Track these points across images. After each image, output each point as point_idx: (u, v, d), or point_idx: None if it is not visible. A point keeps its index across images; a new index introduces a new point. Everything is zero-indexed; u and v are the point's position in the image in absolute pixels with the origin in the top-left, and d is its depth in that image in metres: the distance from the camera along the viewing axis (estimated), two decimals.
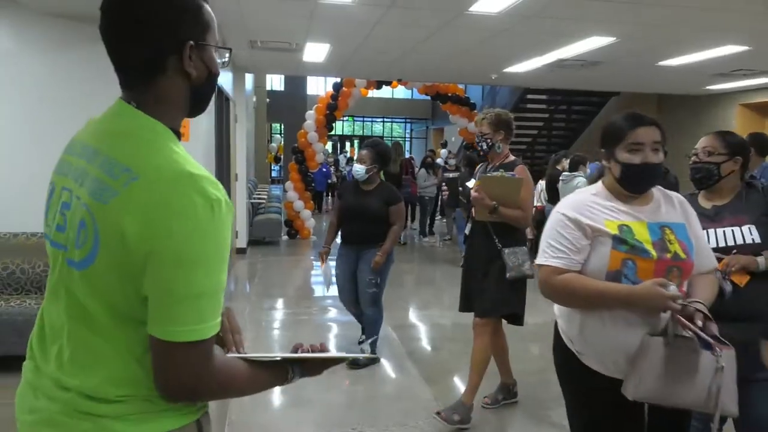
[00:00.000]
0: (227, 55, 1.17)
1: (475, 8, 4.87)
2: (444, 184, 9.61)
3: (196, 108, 1.16)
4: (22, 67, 4.40)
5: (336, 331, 5.22)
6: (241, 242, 8.32)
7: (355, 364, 4.14)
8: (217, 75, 1.15)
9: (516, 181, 3.25)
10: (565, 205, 1.92)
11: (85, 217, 1.00)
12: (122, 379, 1.02)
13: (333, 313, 5.67)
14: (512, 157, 3.44)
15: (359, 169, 4.18)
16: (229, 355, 1.12)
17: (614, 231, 1.79)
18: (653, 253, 1.76)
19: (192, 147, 4.63)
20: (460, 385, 3.84)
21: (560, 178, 6.79)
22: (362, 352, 4.15)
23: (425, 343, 5.02)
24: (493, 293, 3.29)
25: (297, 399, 3.66)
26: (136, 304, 1.00)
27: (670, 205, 1.91)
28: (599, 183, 1.95)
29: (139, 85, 1.07)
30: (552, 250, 1.85)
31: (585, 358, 1.88)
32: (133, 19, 1.03)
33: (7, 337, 3.66)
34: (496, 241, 3.28)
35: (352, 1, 4.78)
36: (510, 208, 3.23)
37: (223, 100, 6.52)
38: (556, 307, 2.01)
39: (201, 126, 4.72)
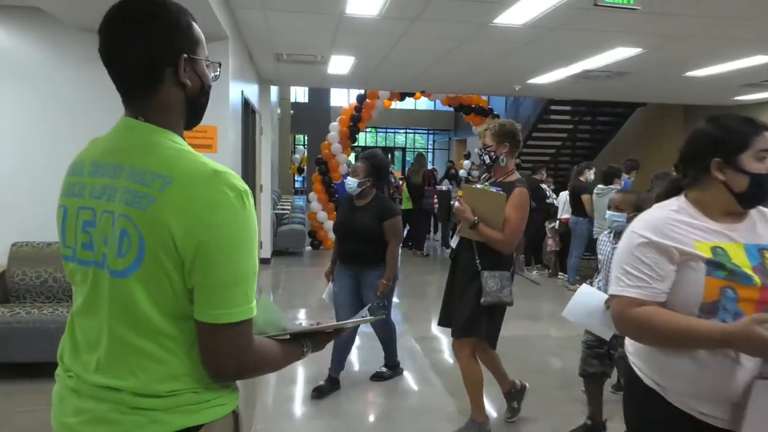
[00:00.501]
0: (218, 68, 1.26)
1: (499, 20, 4.89)
2: (435, 196, 9.57)
3: (192, 119, 1.23)
4: (58, 80, 4.53)
5: (358, 343, 5.22)
6: (266, 252, 8.39)
7: (379, 377, 4.13)
8: (209, 87, 1.23)
9: (499, 197, 3.01)
10: (642, 225, 1.62)
11: (126, 227, 1.06)
12: (171, 376, 1.09)
13: None
14: (516, 176, 3.18)
15: (351, 182, 3.85)
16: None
17: (708, 254, 1.51)
18: (756, 279, 1.48)
19: (220, 158, 4.71)
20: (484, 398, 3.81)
21: (594, 191, 6.50)
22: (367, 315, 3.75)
23: (448, 355, 4.98)
24: (466, 314, 3.12)
25: (321, 410, 3.68)
26: (182, 298, 1.08)
27: (767, 224, 1.62)
28: (681, 198, 1.65)
29: (141, 96, 1.14)
30: (629, 278, 1.58)
31: (674, 396, 1.59)
32: (131, 36, 1.11)
33: (40, 344, 3.75)
34: (477, 262, 3.09)
35: (376, 15, 4.84)
36: (491, 227, 3.02)
37: (249, 112, 6.62)
38: (629, 342, 1.74)
39: (228, 138, 4.79)
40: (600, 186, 6.47)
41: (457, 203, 3.15)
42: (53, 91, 4.54)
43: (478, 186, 3.18)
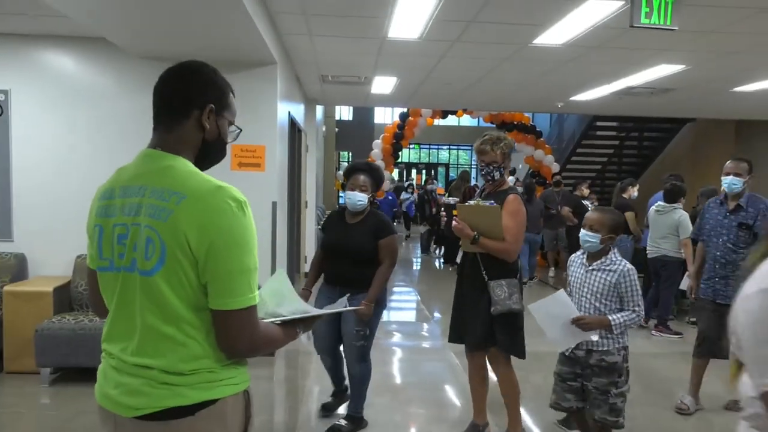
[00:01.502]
0: (238, 134, 1.54)
1: (539, 41, 4.97)
2: (443, 210, 9.49)
3: (201, 160, 1.47)
4: (120, 105, 4.87)
5: (400, 355, 5.33)
6: (308, 266, 8.59)
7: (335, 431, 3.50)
8: (225, 143, 1.51)
9: (494, 209, 3.05)
10: None
11: (150, 235, 1.32)
12: (192, 357, 1.34)
13: (397, 337, 5.79)
14: (508, 185, 3.28)
15: (361, 198, 3.40)
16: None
17: None
18: None
19: (267, 176, 4.94)
20: (522, 413, 3.85)
21: (654, 208, 5.96)
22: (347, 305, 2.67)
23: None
24: (481, 326, 3.15)
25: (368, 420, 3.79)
26: (198, 292, 1.33)
27: None
28: None
29: (167, 124, 1.43)
30: None
31: None
32: (179, 79, 1.44)
33: (83, 351, 4.03)
34: (484, 273, 3.11)
35: (418, 37, 5.00)
36: (493, 239, 3.06)
37: (296, 131, 6.88)
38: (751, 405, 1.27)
39: (275, 157, 5.02)
40: (661, 203, 5.92)
41: (454, 222, 3.14)
42: (115, 114, 4.88)
43: (471, 202, 3.19)
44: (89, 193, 5.64)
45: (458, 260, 3.37)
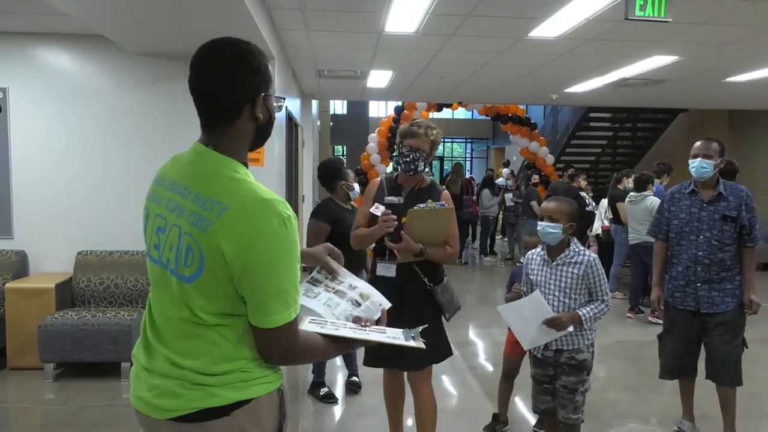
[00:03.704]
0: (283, 101, 1.48)
1: (534, 33, 5.01)
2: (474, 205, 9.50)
3: (257, 144, 1.43)
4: (118, 102, 4.88)
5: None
6: None
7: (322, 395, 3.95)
8: (274, 119, 1.44)
9: (448, 211, 2.78)
10: None
11: (190, 243, 1.29)
12: (224, 358, 1.32)
13: None
14: (428, 180, 2.91)
15: (356, 188, 3.94)
16: (308, 329, 1.42)
17: None
18: None
19: (266, 171, 4.97)
20: (520, 402, 3.92)
21: (628, 198, 6.48)
22: (412, 339, 3.22)
23: (486, 360, 5.11)
24: (432, 338, 2.71)
25: (364, 409, 3.85)
26: (236, 302, 1.30)
27: None
28: None
29: (219, 126, 1.34)
30: None
31: None
32: (221, 76, 1.31)
33: (105, 345, 4.05)
34: (425, 280, 2.80)
35: (414, 31, 5.03)
36: (436, 245, 2.77)
37: (293, 126, 6.90)
38: None
39: (274, 152, 5.05)
40: (633, 193, 6.41)
41: (403, 233, 2.69)
42: (113, 111, 4.89)
43: (423, 206, 2.71)
44: (88, 189, 5.64)
45: (389, 275, 2.82)
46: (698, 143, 3.27)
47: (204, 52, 1.33)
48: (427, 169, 2.89)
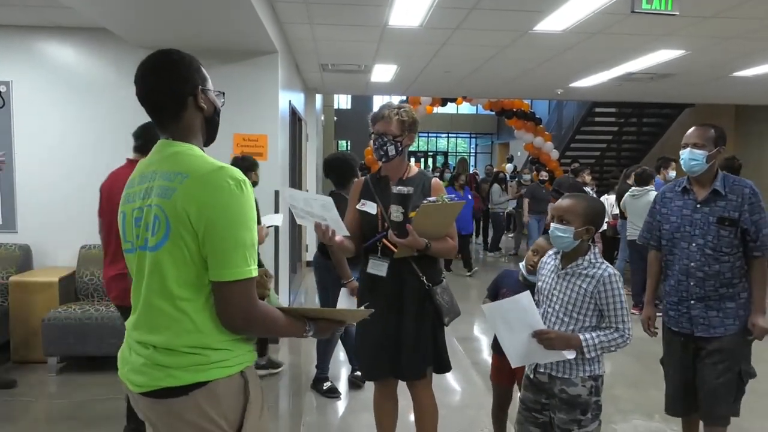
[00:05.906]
0: (223, 96, 1.65)
1: (539, 27, 4.97)
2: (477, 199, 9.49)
3: (210, 135, 1.62)
4: (122, 95, 4.86)
5: None
6: (310, 255, 8.64)
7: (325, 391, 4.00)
8: (219, 110, 1.63)
9: (456, 205, 2.54)
10: None
11: (157, 213, 1.43)
12: (183, 331, 1.42)
13: None
14: (416, 169, 2.72)
15: None
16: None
17: None
18: None
19: (269, 165, 4.96)
20: None
21: (629, 192, 6.47)
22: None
23: (488, 356, 5.08)
24: (432, 343, 2.63)
25: (367, 404, 3.83)
26: (198, 265, 1.42)
27: None
28: None
29: (171, 121, 1.53)
30: None
31: None
32: (160, 82, 1.51)
33: (109, 339, 4.05)
34: (423, 279, 2.58)
35: (419, 25, 5.00)
36: (438, 240, 2.55)
37: (296, 120, 6.88)
38: None
39: (277, 145, 5.03)
40: (635, 188, 6.36)
41: (409, 227, 2.44)
42: (117, 104, 4.88)
43: (433, 200, 2.51)
44: (92, 182, 5.65)
45: (380, 273, 2.59)
46: (690, 130, 2.74)
47: (142, 64, 1.53)
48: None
